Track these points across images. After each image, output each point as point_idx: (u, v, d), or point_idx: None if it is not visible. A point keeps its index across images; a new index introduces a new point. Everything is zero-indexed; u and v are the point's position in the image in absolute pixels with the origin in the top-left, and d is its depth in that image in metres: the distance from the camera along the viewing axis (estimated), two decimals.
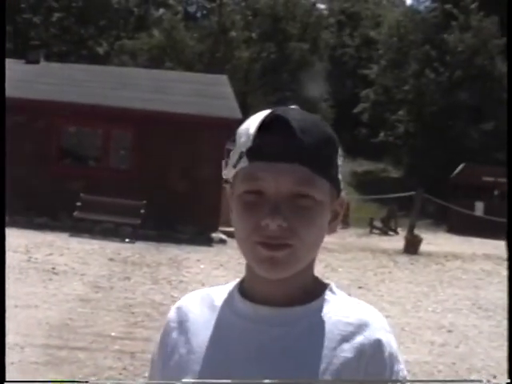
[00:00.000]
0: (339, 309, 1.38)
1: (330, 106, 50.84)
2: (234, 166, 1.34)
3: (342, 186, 1.42)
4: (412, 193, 23.12)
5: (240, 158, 1.32)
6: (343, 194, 1.43)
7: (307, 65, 47.65)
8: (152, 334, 8.29)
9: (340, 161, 1.39)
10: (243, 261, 1.39)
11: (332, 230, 1.42)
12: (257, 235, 1.29)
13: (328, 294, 1.42)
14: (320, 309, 1.38)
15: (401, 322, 10.43)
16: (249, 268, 1.40)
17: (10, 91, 19.45)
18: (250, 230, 1.30)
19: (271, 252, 1.29)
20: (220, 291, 1.50)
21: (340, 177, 1.39)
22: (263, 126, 1.29)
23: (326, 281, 1.47)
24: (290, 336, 1.35)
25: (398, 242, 22.50)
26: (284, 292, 1.37)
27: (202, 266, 14.99)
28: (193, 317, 1.47)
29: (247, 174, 1.31)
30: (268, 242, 1.29)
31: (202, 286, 12.38)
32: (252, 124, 1.31)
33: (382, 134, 46.22)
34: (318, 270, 1.47)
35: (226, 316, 1.43)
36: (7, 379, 1.51)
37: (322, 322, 1.36)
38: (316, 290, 1.42)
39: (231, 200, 1.38)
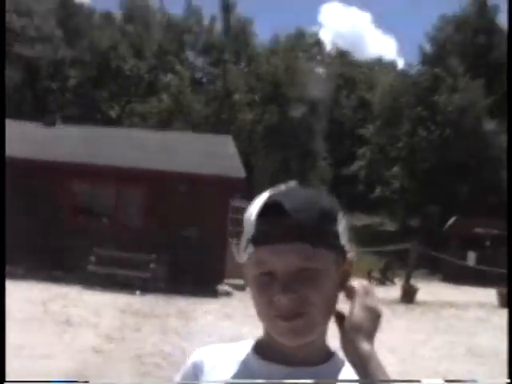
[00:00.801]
0: (344, 376, 1.39)
1: (328, 164, 51.07)
2: (244, 251, 1.39)
3: (349, 247, 1.42)
4: (407, 245, 23.07)
5: (247, 244, 1.36)
6: (351, 254, 1.43)
7: (307, 126, 47.94)
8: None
9: (342, 226, 1.40)
10: (248, 312, 1.40)
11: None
12: (273, 310, 1.32)
13: (335, 361, 1.43)
14: (329, 373, 1.40)
15: (398, 370, 10.29)
16: (266, 331, 1.42)
17: (29, 153, 19.66)
18: (267, 306, 1.33)
19: (289, 323, 1.32)
20: (235, 348, 1.51)
21: (344, 241, 1.39)
22: (262, 213, 1.34)
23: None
24: None
25: (395, 291, 22.35)
26: (298, 354, 1.39)
27: (208, 318, 14.87)
28: (208, 372, 1.48)
29: (256, 258, 1.35)
30: (284, 315, 1.31)
31: (209, 336, 12.27)
32: (253, 211, 1.36)
33: (378, 190, 46.36)
34: None
35: (240, 374, 1.44)
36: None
37: None
38: (326, 354, 1.44)
39: (248, 279, 1.40)
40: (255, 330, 1.49)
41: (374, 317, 1.35)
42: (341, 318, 1.37)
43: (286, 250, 1.30)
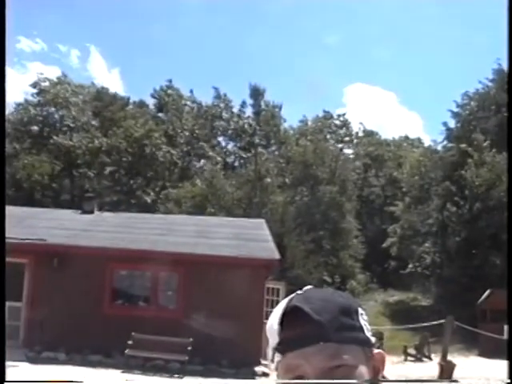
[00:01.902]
0: None
1: (360, 242, 50.80)
2: (272, 361, 1.39)
3: (374, 340, 1.42)
4: (442, 320, 22.70)
5: (274, 353, 1.37)
6: (378, 350, 1.43)
7: (337, 205, 47.96)
8: None
9: (363, 319, 1.41)
10: None
11: None
12: None
13: None
14: None
15: None
16: None
17: (68, 239, 19.88)
18: None
19: None
20: None
21: (368, 334, 1.40)
22: (284, 320, 1.35)
23: None
24: None
25: (432, 368, 21.88)
26: None
27: None
28: None
29: (285, 366, 1.35)
30: None
31: None
32: (274, 320, 1.37)
33: (410, 266, 45.90)
34: None
35: None
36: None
37: None
38: None
39: None
40: None
41: None
42: None
43: (313, 352, 1.31)
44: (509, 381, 1.30)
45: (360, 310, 1.41)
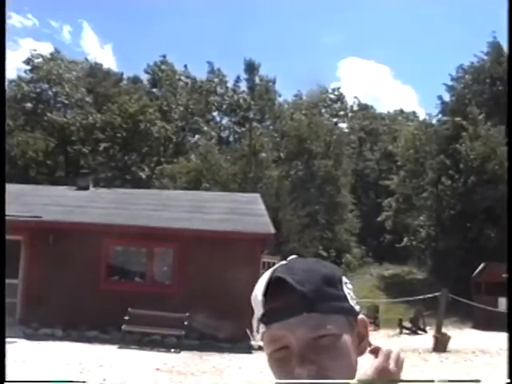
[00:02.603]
0: None
1: (355, 216, 50.92)
2: (257, 332, 1.40)
3: (358, 308, 1.41)
4: (437, 293, 22.81)
5: (259, 324, 1.37)
6: (361, 316, 1.42)
7: (332, 179, 48.00)
8: None
9: (347, 288, 1.40)
10: None
11: (361, 352, 1.43)
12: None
13: None
14: None
15: None
16: None
17: (63, 216, 19.88)
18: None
19: None
20: None
21: (352, 302, 1.40)
22: (267, 291, 1.35)
23: None
24: None
25: (427, 340, 22.02)
26: None
27: (243, 373, 14.75)
28: None
29: (269, 337, 1.36)
30: None
31: None
32: (258, 291, 1.37)
33: (405, 239, 46.04)
34: None
35: None
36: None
37: None
38: None
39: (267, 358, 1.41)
40: None
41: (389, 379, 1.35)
42: None
43: (297, 323, 1.30)
44: (509, 380, 1.30)
45: (344, 279, 1.41)
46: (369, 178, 57.97)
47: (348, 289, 1.40)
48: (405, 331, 28.13)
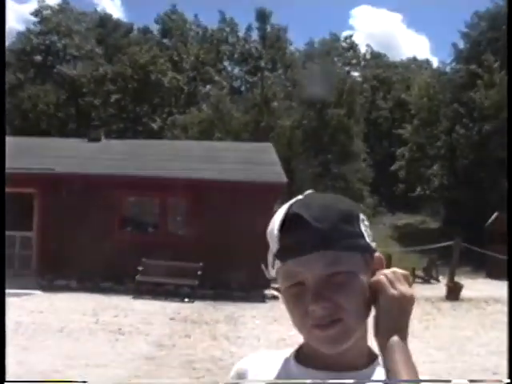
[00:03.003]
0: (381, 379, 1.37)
1: (368, 166, 50.79)
2: (273, 267, 1.39)
3: (374, 245, 1.40)
4: (450, 242, 22.85)
5: (274, 260, 1.36)
6: (377, 253, 1.41)
7: (345, 128, 47.78)
8: None
9: (364, 226, 1.39)
10: None
11: None
12: (308, 320, 1.32)
13: (377, 365, 1.41)
14: (369, 377, 1.38)
15: (447, 367, 10.21)
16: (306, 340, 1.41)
17: (76, 168, 19.94)
18: (302, 317, 1.33)
19: (325, 332, 1.31)
20: (279, 356, 1.51)
21: (368, 240, 1.38)
22: (283, 227, 1.33)
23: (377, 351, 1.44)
24: None
25: (439, 289, 22.14)
26: (339, 359, 1.37)
27: (257, 322, 14.89)
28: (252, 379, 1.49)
29: (284, 273, 1.35)
30: (319, 323, 1.31)
31: (257, 340, 12.29)
32: (274, 226, 1.35)
33: (418, 189, 46.02)
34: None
35: (280, 379, 1.44)
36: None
37: None
38: (368, 358, 1.42)
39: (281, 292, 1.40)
40: None
41: (404, 305, 1.33)
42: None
43: (312, 260, 1.30)
44: (509, 380, 1.30)
45: (361, 216, 1.39)
46: (382, 126, 57.67)
47: (365, 226, 1.39)
48: (418, 280, 28.24)
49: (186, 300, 17.81)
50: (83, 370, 9.39)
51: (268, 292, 19.19)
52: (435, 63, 61.09)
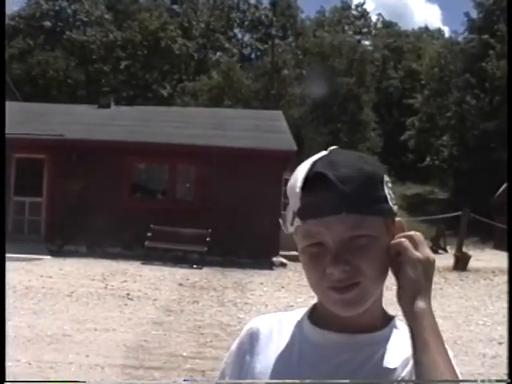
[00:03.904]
0: (400, 342, 1.35)
1: (378, 135, 50.65)
2: (291, 224, 1.34)
3: (396, 209, 1.37)
4: (459, 213, 22.81)
5: (293, 217, 1.32)
6: (398, 218, 1.37)
7: (355, 97, 47.56)
8: (221, 354, 8.26)
9: (387, 188, 1.34)
10: (303, 282, 1.38)
11: None
12: (325, 281, 1.29)
13: (392, 327, 1.40)
14: (384, 339, 1.37)
15: (453, 336, 10.23)
16: (320, 301, 1.39)
17: (85, 134, 19.94)
18: (319, 278, 1.30)
19: (341, 294, 1.29)
20: (290, 316, 1.50)
21: (391, 203, 1.34)
22: (307, 185, 1.29)
23: (392, 314, 1.44)
24: (356, 361, 1.34)
25: (447, 259, 22.14)
26: (353, 321, 1.35)
27: (264, 289, 14.95)
28: (264, 340, 1.47)
29: (304, 232, 1.31)
30: (337, 286, 1.28)
31: (265, 307, 12.35)
32: (296, 183, 1.31)
33: (427, 159, 45.91)
34: None
35: (296, 341, 1.42)
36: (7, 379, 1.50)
37: (384, 351, 1.35)
38: (382, 320, 1.40)
39: (298, 250, 1.37)
40: (310, 299, 1.47)
41: (427, 268, 1.29)
42: (397, 274, 1.31)
43: (335, 222, 1.26)
44: (509, 380, 1.28)
45: (386, 178, 1.34)
46: (392, 96, 57.34)
47: (388, 188, 1.34)
48: None
49: (195, 266, 17.87)
50: (92, 334, 9.46)
51: (276, 259, 19.26)
52: (447, 33, 60.61)
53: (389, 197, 1.34)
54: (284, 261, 19.26)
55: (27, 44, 51.67)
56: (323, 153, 1.36)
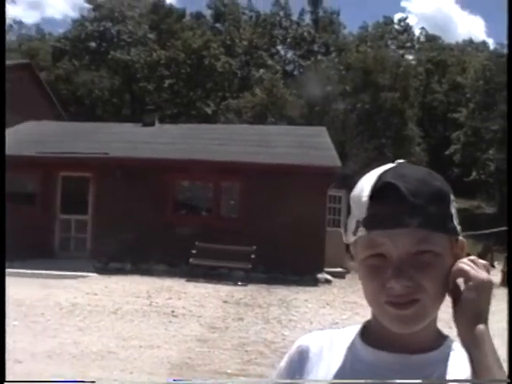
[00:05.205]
0: (457, 364, 1.31)
1: (422, 150, 50.23)
2: (354, 234, 1.31)
3: (459, 228, 1.34)
4: (506, 228, 22.44)
5: (357, 227, 1.30)
6: (461, 237, 1.35)
7: (399, 112, 47.29)
8: (265, 371, 8.21)
9: (453, 207, 1.33)
10: (348, 299, 1.34)
11: None
12: (384, 295, 1.26)
13: (447, 347, 1.36)
14: (440, 360, 1.32)
15: (502, 353, 10.01)
16: (375, 317, 1.35)
17: (130, 152, 20.11)
18: (377, 291, 1.27)
19: (399, 310, 1.25)
20: (341, 334, 1.46)
21: (455, 222, 1.32)
22: (376, 195, 1.27)
23: (445, 333, 1.40)
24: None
25: (494, 275, 21.77)
26: (408, 340, 1.31)
27: (309, 306, 14.83)
28: (314, 359, 1.43)
29: (367, 241, 1.28)
30: (395, 301, 1.25)
31: (310, 324, 12.25)
32: (363, 192, 1.29)
33: (474, 173, 45.39)
34: None
35: (347, 360, 1.38)
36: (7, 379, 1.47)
37: (441, 373, 1.30)
38: (437, 340, 1.36)
39: (356, 261, 1.34)
40: (355, 316, 1.43)
41: (487, 291, 1.26)
42: (456, 297, 1.28)
43: (402, 235, 1.23)
44: (509, 380, 1.24)
45: (452, 197, 1.32)
46: (437, 110, 56.91)
47: (454, 207, 1.32)
48: None
49: (239, 283, 17.83)
50: (136, 351, 9.46)
51: (321, 276, 19.14)
52: (492, 45, 60.05)
53: (454, 215, 1.32)
54: (329, 277, 19.14)
55: (73, 65, 52.45)
56: (390, 165, 1.34)
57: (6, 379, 1.52)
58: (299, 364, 1.44)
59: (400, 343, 1.31)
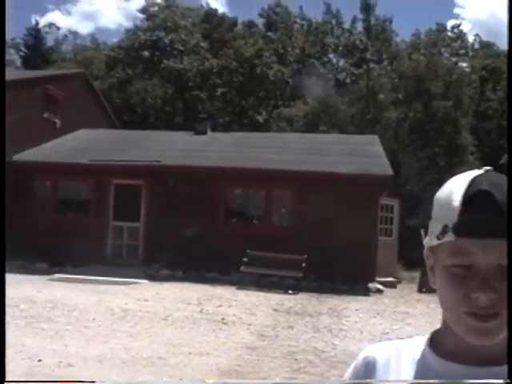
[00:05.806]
0: None
1: (476, 159, 49.52)
2: (438, 238, 1.27)
3: None
4: None
5: (445, 231, 1.25)
6: None
7: (452, 121, 46.73)
8: (314, 380, 8.15)
9: None
10: (399, 309, 1.30)
11: None
12: (466, 306, 1.22)
13: None
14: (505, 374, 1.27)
15: None
16: (447, 326, 1.31)
17: (182, 160, 20.27)
18: (459, 301, 1.23)
19: (481, 322, 1.22)
20: (407, 344, 1.41)
21: None
22: (470, 201, 1.23)
23: None
24: None
25: None
26: (482, 352, 1.27)
27: (360, 315, 14.72)
28: (381, 370, 1.39)
29: (456, 248, 1.24)
30: (478, 313, 1.21)
31: (360, 333, 12.15)
32: (454, 196, 1.26)
33: None
34: None
35: (418, 372, 1.34)
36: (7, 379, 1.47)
37: None
38: (505, 354, 1.30)
39: (434, 266, 1.31)
40: (406, 326, 1.40)
41: None
42: None
43: (493, 245, 1.19)
44: (509, 380, 1.19)
45: None
46: (491, 118, 56.08)
47: None
48: None
49: (290, 292, 17.80)
50: (186, 357, 9.50)
51: (372, 285, 19.00)
52: None
53: None
54: (380, 287, 18.98)
55: (126, 74, 53.04)
56: (478, 171, 1.30)
57: (6, 379, 1.52)
58: (365, 377, 1.40)
59: (474, 354, 1.27)
